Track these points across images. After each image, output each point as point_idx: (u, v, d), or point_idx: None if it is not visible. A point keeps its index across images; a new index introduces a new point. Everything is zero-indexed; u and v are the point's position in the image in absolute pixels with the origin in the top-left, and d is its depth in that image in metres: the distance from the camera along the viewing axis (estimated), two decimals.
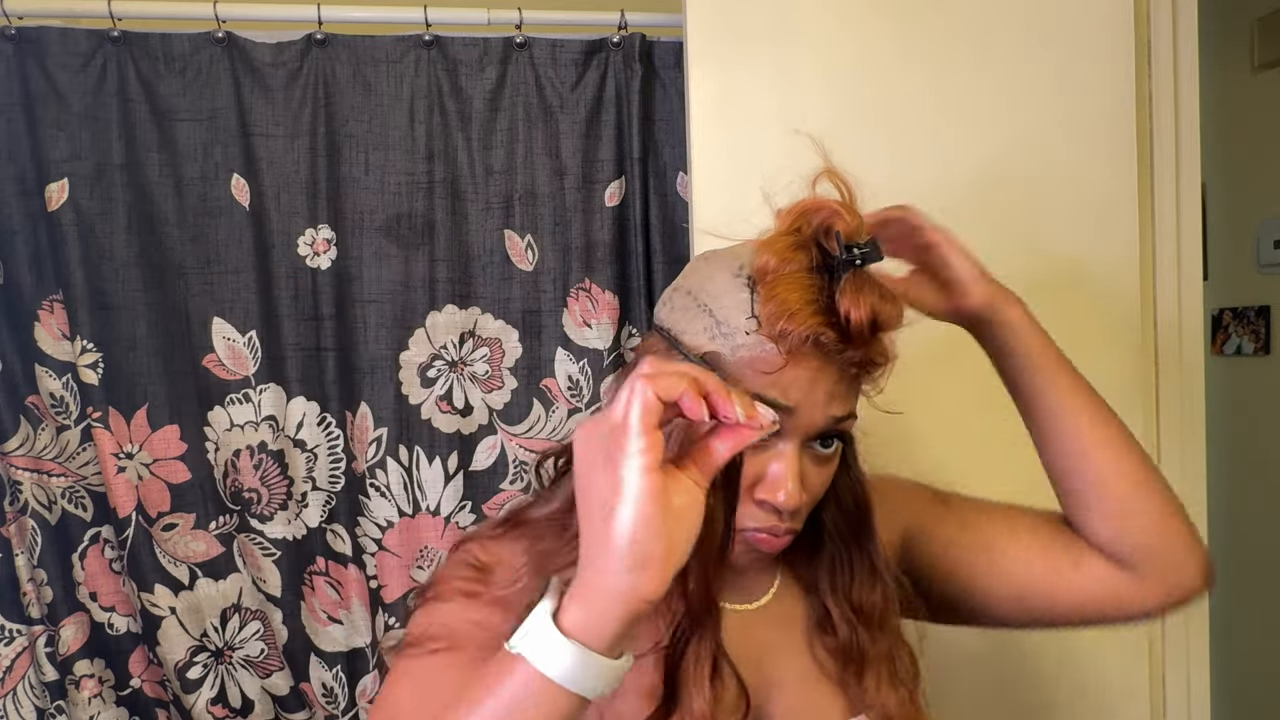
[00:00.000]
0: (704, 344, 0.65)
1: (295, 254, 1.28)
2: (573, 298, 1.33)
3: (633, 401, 0.49)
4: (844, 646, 0.73)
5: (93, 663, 1.25)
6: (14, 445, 1.21)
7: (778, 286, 0.63)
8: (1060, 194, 1.24)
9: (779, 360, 0.63)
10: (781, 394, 0.63)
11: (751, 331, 0.63)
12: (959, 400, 1.24)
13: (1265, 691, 2.25)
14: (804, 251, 0.64)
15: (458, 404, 1.31)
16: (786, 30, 1.20)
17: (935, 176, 1.21)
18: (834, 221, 0.64)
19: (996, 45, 1.22)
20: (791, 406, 0.63)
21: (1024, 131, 1.23)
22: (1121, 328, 1.25)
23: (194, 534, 1.25)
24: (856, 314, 0.61)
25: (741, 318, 0.64)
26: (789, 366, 0.63)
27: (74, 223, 1.20)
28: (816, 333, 0.61)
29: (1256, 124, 2.25)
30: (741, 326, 0.64)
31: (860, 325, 0.62)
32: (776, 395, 0.63)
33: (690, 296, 0.68)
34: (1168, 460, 1.29)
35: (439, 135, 1.30)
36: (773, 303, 0.62)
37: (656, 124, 1.34)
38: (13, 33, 1.20)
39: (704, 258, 0.71)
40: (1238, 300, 2.32)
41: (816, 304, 0.62)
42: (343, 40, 1.28)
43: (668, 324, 0.69)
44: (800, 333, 0.61)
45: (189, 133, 1.25)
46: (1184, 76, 1.31)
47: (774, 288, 0.63)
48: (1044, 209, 1.24)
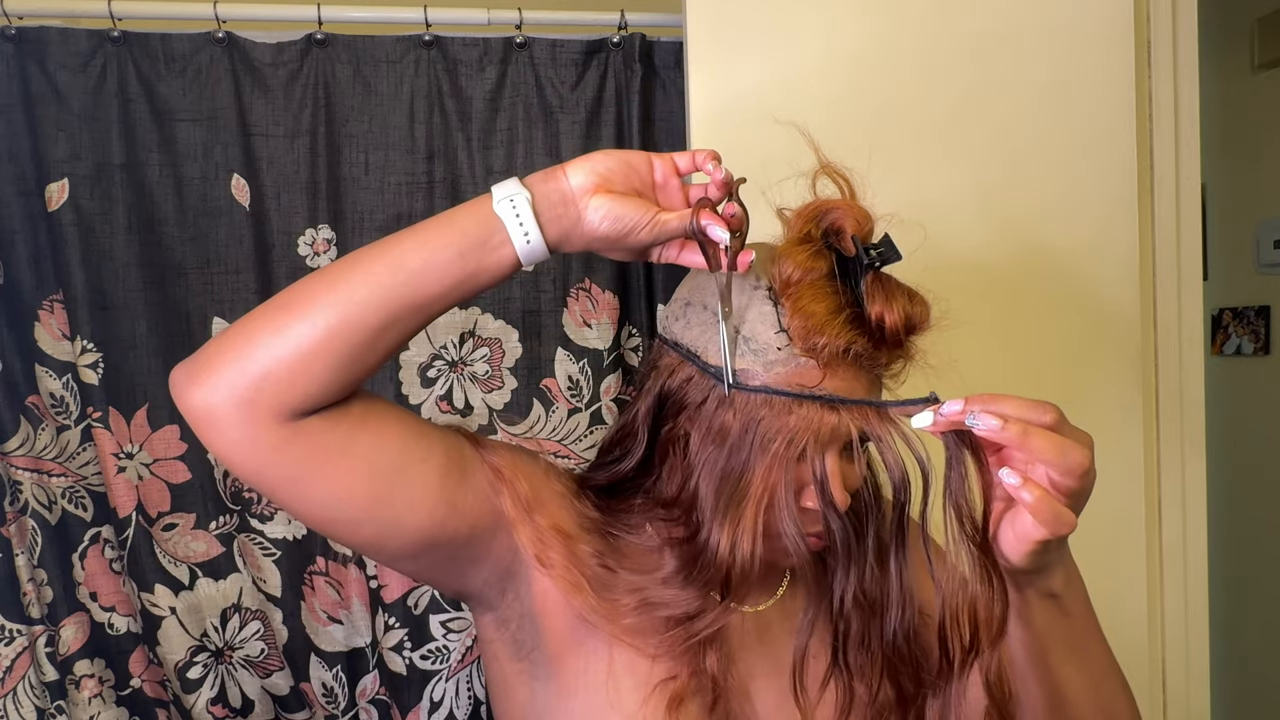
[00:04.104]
0: (733, 361, 0.64)
1: (295, 254, 1.28)
2: (572, 297, 1.33)
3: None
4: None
5: (93, 663, 1.25)
6: (14, 445, 1.21)
7: (803, 298, 0.62)
8: (1060, 194, 1.24)
9: (818, 374, 0.62)
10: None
11: (783, 346, 0.63)
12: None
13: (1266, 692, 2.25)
14: (823, 258, 0.63)
15: (458, 404, 1.31)
16: (786, 31, 1.20)
17: (935, 177, 1.21)
18: (844, 222, 0.64)
19: (997, 45, 1.23)
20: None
21: (1024, 131, 1.23)
22: (1121, 328, 1.25)
23: (194, 534, 1.25)
24: (891, 319, 0.61)
25: (770, 332, 0.63)
26: (826, 381, 0.62)
27: (74, 223, 1.20)
28: (850, 343, 0.61)
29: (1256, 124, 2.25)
30: (772, 342, 0.63)
31: (895, 330, 0.62)
32: None
33: (708, 311, 0.66)
34: (1168, 461, 1.29)
35: (439, 135, 1.30)
36: (800, 315, 0.62)
37: (656, 124, 1.34)
38: (13, 33, 1.20)
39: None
40: (1237, 300, 2.32)
41: (846, 313, 0.62)
42: (343, 40, 1.28)
43: (685, 341, 0.67)
44: (835, 345, 0.61)
45: (189, 133, 1.25)
46: (1184, 76, 1.31)
47: (799, 300, 0.62)
48: (1044, 209, 1.24)
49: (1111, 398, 1.25)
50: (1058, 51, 1.23)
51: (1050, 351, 1.24)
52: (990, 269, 1.23)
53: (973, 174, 1.22)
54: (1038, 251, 1.24)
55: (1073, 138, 1.24)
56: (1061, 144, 1.24)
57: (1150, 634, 1.28)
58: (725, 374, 0.63)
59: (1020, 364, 1.24)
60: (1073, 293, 1.24)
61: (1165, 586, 1.30)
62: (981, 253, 1.23)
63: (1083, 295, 1.24)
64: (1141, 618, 1.27)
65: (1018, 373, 1.24)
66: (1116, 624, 1.26)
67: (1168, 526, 1.30)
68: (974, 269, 1.22)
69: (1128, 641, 1.27)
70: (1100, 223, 1.25)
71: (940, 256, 1.21)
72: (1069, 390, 1.24)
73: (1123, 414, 1.25)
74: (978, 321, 1.23)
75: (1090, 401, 1.24)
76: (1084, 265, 1.24)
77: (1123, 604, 1.26)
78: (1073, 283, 1.24)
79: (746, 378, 0.63)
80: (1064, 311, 1.25)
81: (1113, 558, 1.26)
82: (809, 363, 0.62)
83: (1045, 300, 1.25)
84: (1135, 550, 1.26)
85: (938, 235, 1.21)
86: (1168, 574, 1.30)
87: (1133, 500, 1.25)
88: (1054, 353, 1.24)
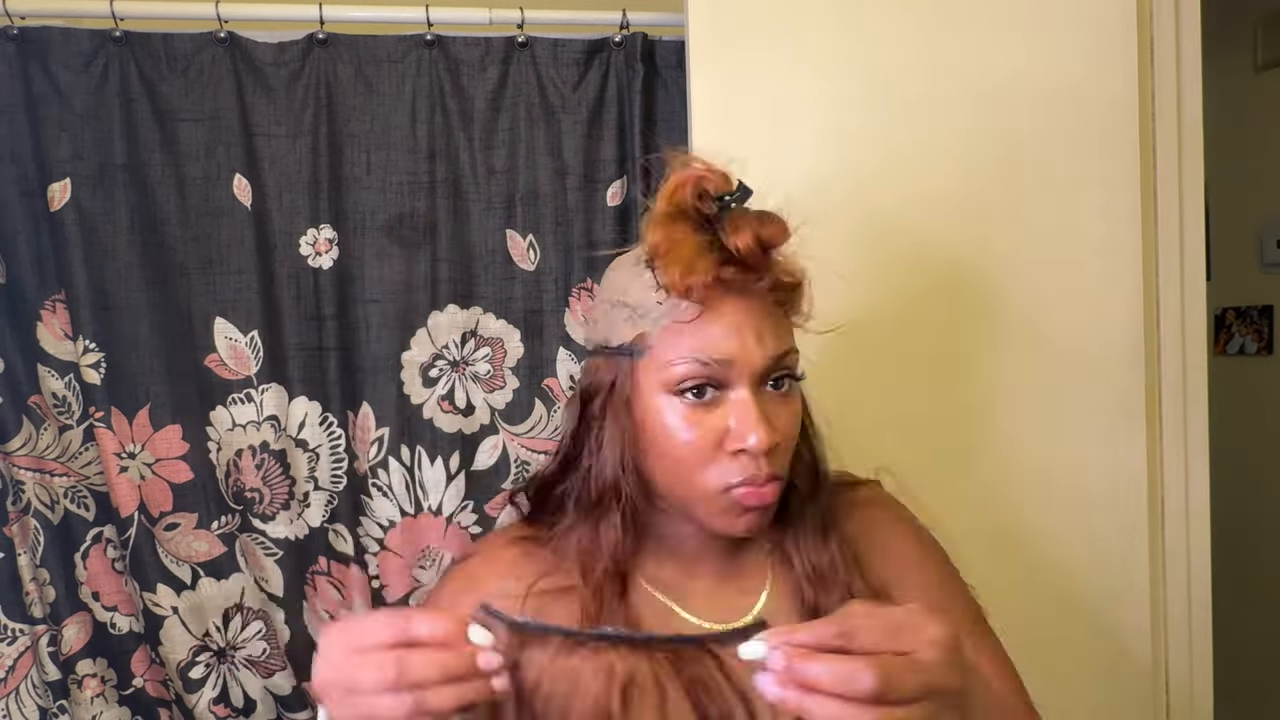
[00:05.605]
0: (629, 334, 0.69)
1: (297, 254, 1.28)
2: (574, 297, 1.32)
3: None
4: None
5: (95, 662, 1.25)
6: (16, 445, 1.21)
7: (670, 253, 0.66)
8: (1063, 194, 1.24)
9: (694, 310, 0.66)
10: (713, 348, 0.66)
11: (663, 300, 0.67)
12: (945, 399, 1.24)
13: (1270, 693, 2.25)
14: (683, 219, 0.67)
15: (459, 404, 1.30)
16: (788, 30, 1.20)
17: (936, 177, 1.21)
18: (704, 184, 0.67)
19: (999, 46, 1.22)
20: (729, 358, 0.66)
21: (1027, 132, 1.23)
22: (1124, 327, 1.25)
23: (196, 534, 1.25)
24: (742, 240, 0.65)
25: (650, 293, 0.68)
26: (709, 318, 0.66)
27: (76, 223, 1.20)
28: (716, 272, 0.65)
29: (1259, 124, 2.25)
30: (653, 299, 0.68)
31: (750, 248, 0.65)
32: (710, 353, 0.66)
33: (606, 303, 0.72)
34: (1170, 461, 1.29)
35: (441, 135, 1.30)
36: (669, 267, 0.66)
37: (658, 124, 1.33)
38: (15, 33, 1.20)
39: (609, 269, 0.75)
40: (1241, 300, 2.32)
41: (708, 252, 0.66)
42: (345, 40, 1.28)
43: (597, 338, 0.73)
44: (701, 279, 0.65)
45: (191, 132, 1.25)
46: (1187, 76, 1.31)
47: (666, 255, 0.66)
48: (1046, 209, 1.23)
49: (1114, 397, 1.25)
50: (1060, 52, 1.23)
51: (1053, 351, 1.24)
52: (992, 269, 1.23)
53: (974, 174, 1.22)
54: (1039, 251, 1.23)
55: (1076, 137, 1.24)
56: (1064, 143, 1.23)
57: (1154, 635, 1.28)
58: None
59: (1022, 364, 1.23)
60: (1076, 292, 1.24)
61: (1168, 587, 1.30)
62: (983, 252, 1.23)
63: (1086, 295, 1.24)
64: (1145, 619, 1.27)
65: (1019, 373, 1.23)
66: (1119, 625, 1.26)
67: (1170, 527, 1.29)
68: (975, 268, 1.22)
69: (1130, 643, 1.26)
70: (1103, 222, 1.24)
71: (941, 256, 1.21)
72: (1072, 391, 1.24)
73: (1125, 414, 1.25)
74: (980, 321, 1.23)
75: (1092, 401, 1.24)
76: (1087, 265, 1.24)
77: (1125, 605, 1.26)
78: (1076, 282, 1.24)
79: (643, 342, 0.69)
80: (1067, 311, 1.24)
81: (1115, 558, 1.25)
82: (685, 304, 0.66)
83: (1047, 300, 1.24)
84: (1138, 550, 1.26)
85: (939, 234, 1.21)
86: (1171, 574, 1.30)
87: (1135, 500, 1.25)
88: (1056, 353, 1.24)
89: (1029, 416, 1.24)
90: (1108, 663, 1.25)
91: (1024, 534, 1.24)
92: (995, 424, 1.24)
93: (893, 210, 1.19)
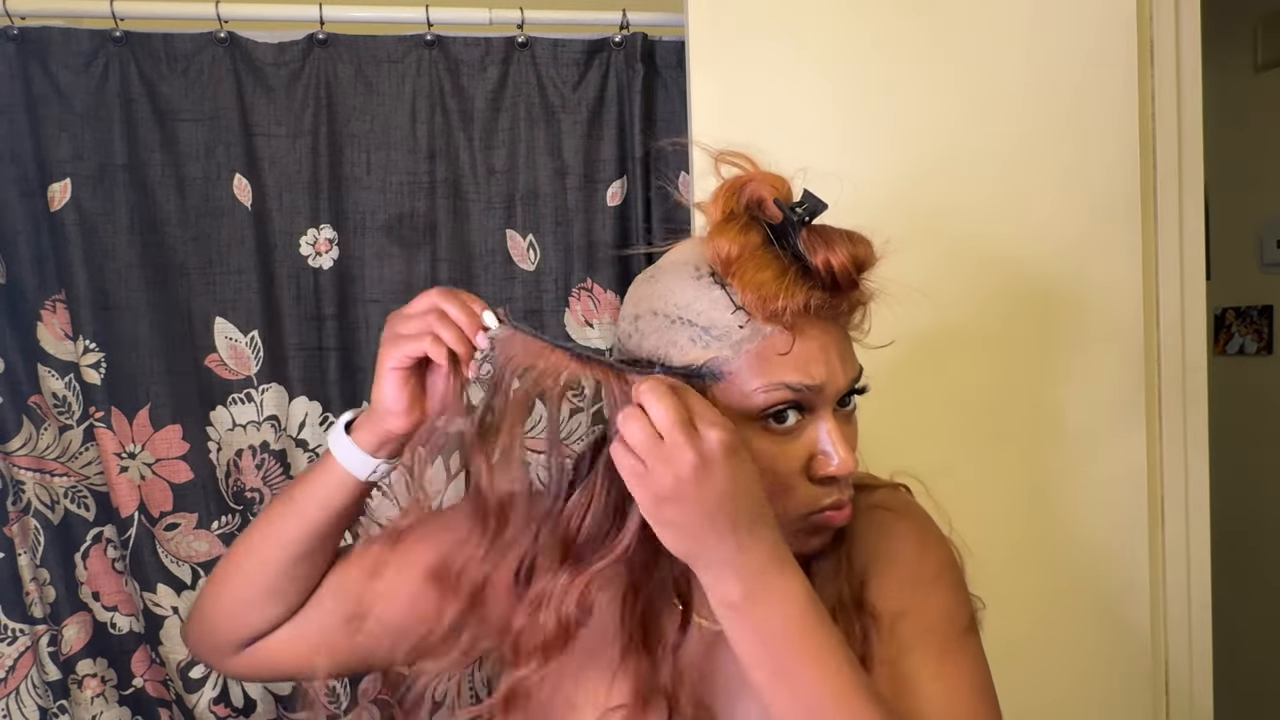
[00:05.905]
0: (699, 356, 0.64)
1: (297, 254, 1.28)
2: (574, 297, 1.33)
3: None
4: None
5: (95, 662, 1.25)
6: (16, 445, 1.21)
7: (747, 271, 0.62)
8: (1063, 194, 1.24)
9: (788, 339, 0.62)
10: (804, 374, 0.63)
11: (744, 324, 0.63)
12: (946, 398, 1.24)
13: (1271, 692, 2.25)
14: (754, 229, 0.64)
15: None
16: (788, 30, 1.20)
17: (937, 177, 1.21)
18: (761, 191, 0.64)
19: (999, 46, 1.22)
20: (820, 384, 0.63)
21: (1027, 132, 1.23)
22: (1124, 327, 1.25)
23: (196, 534, 1.25)
24: (838, 261, 0.62)
25: (727, 314, 0.63)
26: (798, 343, 0.63)
27: (76, 223, 1.20)
28: (808, 298, 0.61)
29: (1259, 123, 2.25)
30: (732, 322, 0.63)
31: (845, 271, 0.62)
32: (803, 380, 0.63)
33: (659, 316, 0.66)
34: (1170, 461, 1.29)
35: (441, 135, 1.30)
36: (751, 288, 0.62)
37: (658, 124, 1.33)
38: (15, 33, 1.20)
39: (646, 278, 0.70)
40: (1240, 300, 2.32)
41: (794, 271, 0.62)
42: (345, 40, 1.28)
43: (644, 351, 0.66)
44: (794, 304, 0.61)
45: (191, 133, 1.25)
46: (1186, 76, 1.31)
47: (744, 273, 0.62)
48: (1047, 209, 1.24)
49: (1114, 397, 1.25)
50: (1060, 52, 1.23)
51: (1053, 351, 1.24)
52: (993, 268, 1.23)
53: (974, 174, 1.22)
54: (1040, 251, 1.23)
55: (1076, 137, 1.24)
56: (1064, 143, 1.24)
57: (1154, 634, 1.28)
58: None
59: (1023, 364, 1.23)
60: (1075, 292, 1.24)
61: (1168, 586, 1.30)
62: (983, 252, 1.23)
63: (1085, 295, 1.24)
64: (1145, 618, 1.27)
65: (1020, 373, 1.23)
66: (1119, 624, 1.26)
67: (1170, 526, 1.29)
68: (976, 268, 1.22)
69: (1130, 641, 1.27)
70: (1103, 222, 1.25)
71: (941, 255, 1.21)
72: (1072, 389, 1.24)
73: (1125, 413, 1.25)
74: (980, 320, 1.23)
75: (1093, 401, 1.24)
76: (1087, 264, 1.24)
77: (1126, 604, 1.26)
78: (1075, 282, 1.24)
79: (720, 365, 0.63)
80: (1066, 311, 1.25)
81: (1115, 557, 1.26)
82: (775, 330, 0.63)
83: (1048, 300, 1.24)
84: (1138, 550, 1.26)
85: (939, 234, 1.21)
86: (1171, 574, 1.30)
87: (1135, 500, 1.25)
88: (1056, 352, 1.24)
89: (1029, 416, 1.24)
90: (1108, 661, 1.25)
91: (1024, 533, 1.24)
92: (994, 423, 1.24)
93: (893, 210, 1.19)
